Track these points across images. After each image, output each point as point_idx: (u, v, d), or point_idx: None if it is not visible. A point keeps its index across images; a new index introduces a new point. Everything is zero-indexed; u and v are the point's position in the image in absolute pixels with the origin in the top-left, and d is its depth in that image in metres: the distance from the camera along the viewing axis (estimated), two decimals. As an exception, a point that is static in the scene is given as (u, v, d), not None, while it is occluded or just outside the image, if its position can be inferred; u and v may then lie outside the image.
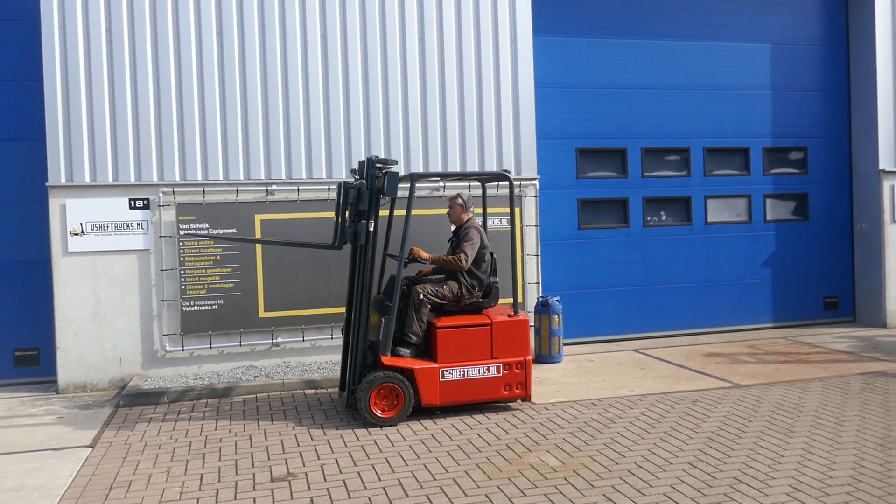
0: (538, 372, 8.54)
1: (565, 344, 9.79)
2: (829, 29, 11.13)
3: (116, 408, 7.38)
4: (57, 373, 8.08)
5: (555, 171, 9.99)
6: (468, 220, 7.03)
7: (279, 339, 8.57)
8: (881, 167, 10.70)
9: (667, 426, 6.30)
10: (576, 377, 8.27)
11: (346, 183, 6.74)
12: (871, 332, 10.47)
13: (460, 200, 7.03)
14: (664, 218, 10.52)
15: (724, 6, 10.60)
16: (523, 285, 9.25)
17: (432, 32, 8.98)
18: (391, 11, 8.85)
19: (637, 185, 10.35)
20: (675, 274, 10.50)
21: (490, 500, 4.80)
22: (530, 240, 9.30)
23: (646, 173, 10.39)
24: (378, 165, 6.60)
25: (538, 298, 9.08)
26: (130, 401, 7.46)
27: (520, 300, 9.17)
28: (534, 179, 9.28)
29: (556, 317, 8.95)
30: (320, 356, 8.69)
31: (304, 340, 8.64)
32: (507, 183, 7.33)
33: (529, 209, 9.28)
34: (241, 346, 8.48)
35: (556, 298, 9.00)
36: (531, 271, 9.30)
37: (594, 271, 10.20)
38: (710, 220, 10.66)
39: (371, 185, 6.58)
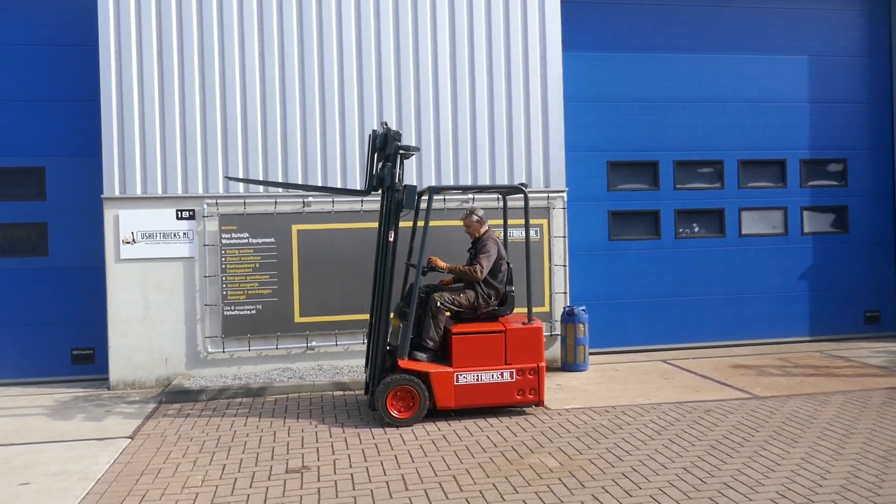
0: (562, 379, 8.76)
1: (595, 353, 9.98)
2: (871, 40, 11.01)
3: (159, 404, 7.94)
4: (109, 371, 8.72)
5: (585, 183, 10.20)
6: (485, 232, 7.34)
7: (313, 343, 9.03)
8: (924, 179, 10.54)
9: (673, 433, 6.45)
10: (597, 385, 8.45)
11: (374, 131, 7.18)
12: (911, 347, 10.30)
13: (475, 217, 7.35)
14: (697, 230, 10.58)
15: (759, 20, 10.63)
16: (551, 295, 9.47)
17: (463, 51, 9.33)
18: (423, 32, 9.25)
19: (669, 196, 10.45)
20: (707, 285, 10.54)
21: (483, 496, 5.08)
22: (558, 250, 9.52)
23: (678, 185, 10.49)
24: (398, 143, 6.97)
25: (564, 308, 9.29)
26: (172, 398, 8.01)
27: (547, 309, 9.45)
28: (562, 192, 9.52)
29: (582, 326, 9.14)
30: (352, 360, 9.11)
31: (336, 345, 9.07)
32: (537, 195, 7.58)
33: (557, 221, 9.51)
34: (277, 349, 8.97)
35: (581, 308, 9.19)
36: (559, 281, 9.51)
37: (625, 282, 10.33)
38: (744, 232, 10.67)
39: (392, 194, 6.96)
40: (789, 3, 10.72)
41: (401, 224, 7.26)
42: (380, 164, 7.20)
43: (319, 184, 9.02)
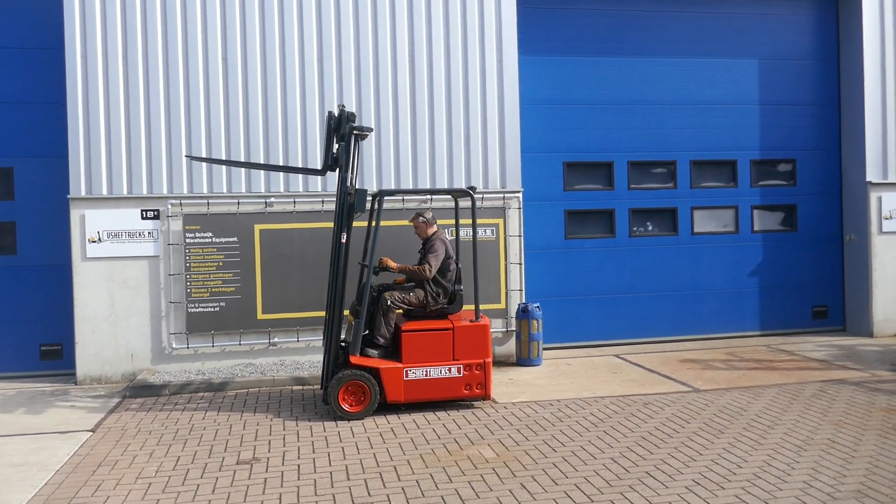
0: (515, 374, 9.11)
1: (551, 348, 10.35)
2: (820, 44, 11.40)
3: (122, 398, 8.22)
4: (76, 366, 8.98)
5: (542, 183, 10.54)
6: (434, 233, 7.67)
7: (276, 339, 9.32)
8: (868, 178, 10.94)
9: (608, 426, 6.81)
10: (547, 379, 8.81)
11: (330, 113, 7.49)
12: (855, 342, 10.72)
13: (422, 218, 7.68)
14: (650, 228, 10.96)
15: (711, 25, 11.00)
16: (507, 292, 9.82)
17: (422, 55, 9.62)
18: (382, 34, 9.53)
19: (624, 196, 10.81)
20: (661, 282, 10.92)
21: (418, 485, 5.41)
22: (514, 249, 9.86)
23: (632, 185, 10.85)
24: (352, 124, 7.31)
25: (519, 305, 9.64)
26: (136, 392, 8.29)
27: (503, 306, 9.79)
28: (517, 192, 9.85)
29: (536, 322, 9.48)
30: (313, 356, 9.41)
31: (298, 341, 9.37)
32: (493, 195, 7.94)
33: (513, 220, 9.84)
34: (240, 345, 9.26)
35: (535, 305, 9.54)
36: (514, 279, 9.85)
37: (581, 279, 10.70)
38: (696, 230, 11.05)
39: (345, 197, 7.27)
40: (741, 9, 11.09)
41: (356, 224, 7.59)
42: (336, 146, 7.51)
43: (281, 182, 9.31)
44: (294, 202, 9.32)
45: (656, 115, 10.88)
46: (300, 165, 9.31)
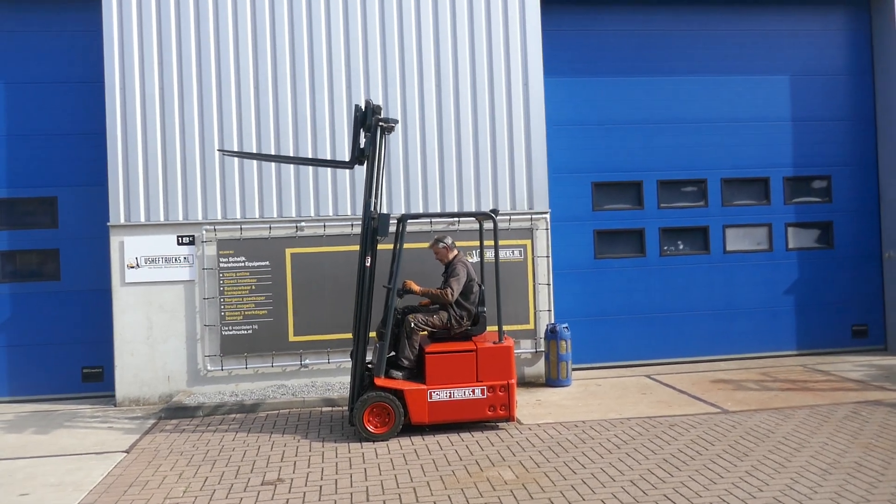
0: (543, 395, 9.12)
1: (581, 369, 10.33)
2: (853, 58, 11.25)
3: (158, 419, 8.46)
4: (115, 388, 9.28)
5: (571, 203, 10.58)
6: (454, 257, 7.77)
7: (307, 361, 9.50)
8: (906, 195, 10.72)
9: (632, 448, 6.78)
10: (575, 400, 8.79)
11: (356, 106, 7.71)
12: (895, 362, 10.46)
13: (441, 244, 7.80)
14: (681, 247, 10.88)
15: (739, 41, 10.94)
16: (535, 313, 9.85)
17: (448, 78, 9.79)
18: (409, 58, 9.72)
19: (653, 215, 10.78)
20: (692, 301, 10.82)
21: (435, 507, 5.49)
22: (542, 270, 9.89)
23: (662, 204, 10.81)
24: (378, 116, 7.48)
25: (547, 325, 9.65)
26: (171, 413, 8.53)
27: (532, 326, 9.82)
28: (545, 213, 9.90)
29: (564, 343, 9.48)
30: (344, 377, 9.55)
31: (329, 362, 9.53)
32: (520, 216, 8.00)
33: (541, 241, 9.89)
34: (272, 366, 9.46)
35: (564, 325, 9.55)
36: (543, 299, 9.88)
37: (610, 299, 10.67)
38: (728, 248, 10.94)
39: (369, 222, 7.43)
40: (770, 25, 11.02)
41: (383, 247, 7.75)
42: (363, 138, 7.70)
43: (311, 206, 9.53)
44: (324, 226, 9.53)
45: (685, 134, 10.84)
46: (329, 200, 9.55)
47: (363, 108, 7.64)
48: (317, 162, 8.98)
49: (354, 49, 9.65)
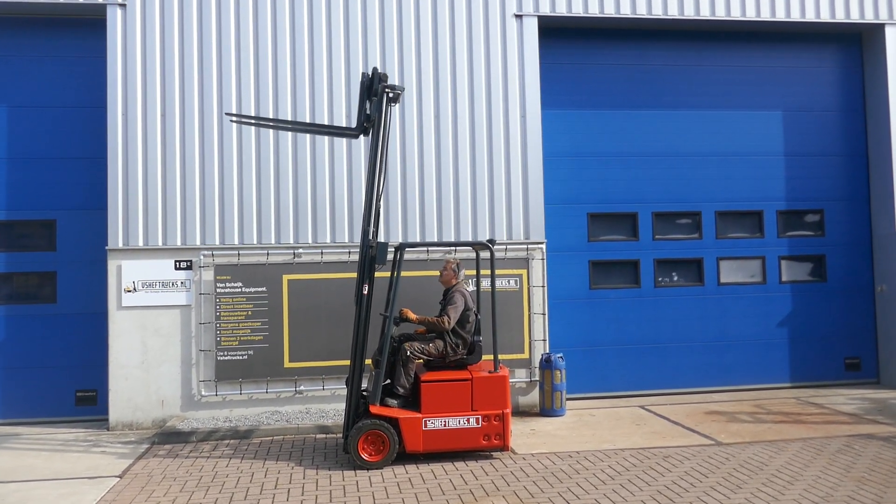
0: (538, 424, 9.12)
1: (575, 399, 10.34)
2: (846, 95, 11.44)
3: (151, 444, 8.44)
4: (109, 412, 9.26)
5: (567, 234, 10.67)
6: (456, 284, 7.83)
7: (302, 388, 9.50)
8: (898, 230, 10.85)
9: (625, 479, 6.79)
10: (569, 430, 8.80)
11: (363, 73, 7.78)
12: (888, 395, 10.49)
13: (453, 266, 7.86)
14: (676, 279, 10.96)
15: (733, 77, 11.13)
16: (530, 342, 9.88)
17: (447, 109, 9.92)
18: (408, 94, 9.85)
19: (648, 247, 10.87)
20: (687, 333, 10.88)
21: (429, 536, 5.48)
22: (537, 299, 9.95)
23: (657, 236, 10.90)
24: (383, 84, 7.55)
25: (542, 355, 9.69)
26: (164, 438, 8.51)
27: (526, 356, 9.86)
28: (541, 244, 9.98)
29: (559, 372, 9.51)
30: (339, 404, 9.55)
31: (324, 389, 9.53)
32: (517, 246, 8.06)
33: (536, 271, 9.96)
34: (267, 392, 9.46)
35: (559, 355, 9.58)
36: (538, 329, 9.92)
37: (605, 329, 10.71)
38: (722, 280, 11.02)
39: (367, 250, 7.49)
40: (764, 62, 11.21)
41: (380, 275, 7.80)
42: (368, 104, 7.75)
43: (309, 233, 9.59)
44: (321, 252, 9.59)
45: (680, 167, 10.97)
46: (328, 222, 9.62)
47: (370, 74, 7.73)
48: (324, 129, 8.80)
49: (356, 80, 9.77)
